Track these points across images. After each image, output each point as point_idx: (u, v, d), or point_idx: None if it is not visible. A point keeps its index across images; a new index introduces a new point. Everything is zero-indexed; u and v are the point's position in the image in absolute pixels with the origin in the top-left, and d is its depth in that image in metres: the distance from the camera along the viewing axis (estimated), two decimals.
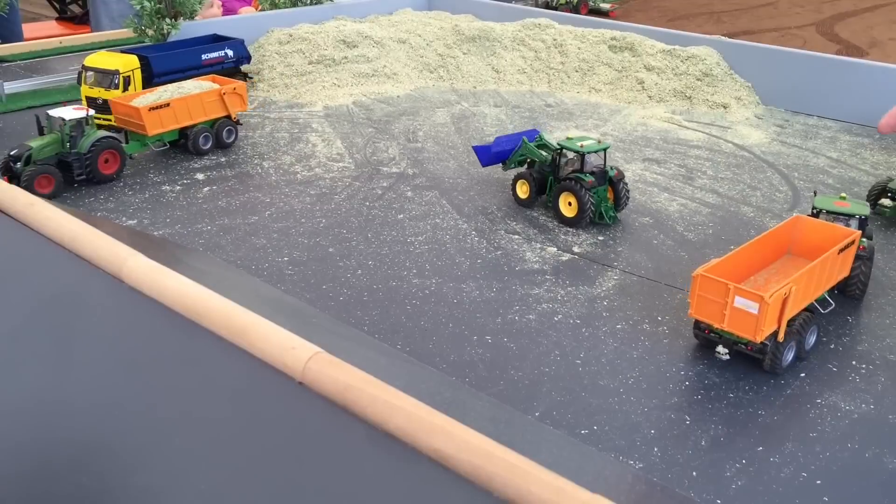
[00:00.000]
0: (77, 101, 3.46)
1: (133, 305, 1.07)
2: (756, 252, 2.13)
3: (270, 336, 0.95)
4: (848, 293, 2.23)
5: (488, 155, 2.91)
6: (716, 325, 1.92)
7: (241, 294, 1.71)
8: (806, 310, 2.00)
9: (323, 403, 0.86)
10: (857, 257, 2.17)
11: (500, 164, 2.95)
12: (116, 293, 1.09)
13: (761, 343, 1.87)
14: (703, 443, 1.66)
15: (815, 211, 2.32)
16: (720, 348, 1.97)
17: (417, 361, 1.72)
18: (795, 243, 2.21)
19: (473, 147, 3.01)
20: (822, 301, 2.09)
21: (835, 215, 2.29)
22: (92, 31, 5.65)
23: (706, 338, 1.99)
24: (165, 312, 1.04)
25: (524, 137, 2.88)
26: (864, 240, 2.20)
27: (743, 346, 1.91)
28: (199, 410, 0.92)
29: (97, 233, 1.16)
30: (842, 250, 2.05)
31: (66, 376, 1.05)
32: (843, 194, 2.48)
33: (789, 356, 1.93)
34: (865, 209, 2.34)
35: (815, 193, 2.50)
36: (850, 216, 2.29)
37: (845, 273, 2.14)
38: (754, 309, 1.82)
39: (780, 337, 1.88)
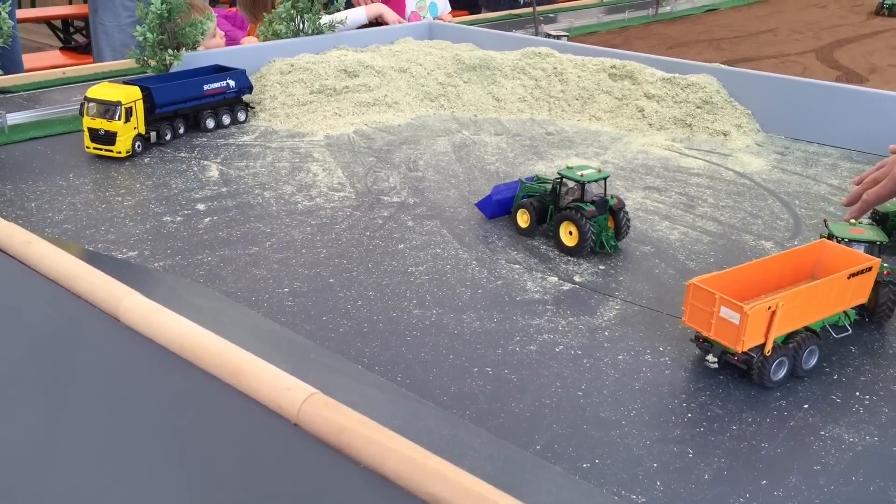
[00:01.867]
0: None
1: (128, 345, 1.06)
2: (769, 271, 2.12)
3: (266, 377, 0.94)
4: (876, 318, 2.23)
5: (490, 205, 2.90)
6: (704, 334, 1.94)
7: (240, 329, 1.71)
8: (810, 331, 1.98)
9: (318, 446, 0.85)
10: (886, 283, 2.16)
11: (507, 215, 2.91)
12: (112, 332, 1.08)
13: (745, 354, 1.88)
14: (706, 476, 1.64)
15: (830, 238, 2.28)
16: (710, 357, 1.98)
17: (417, 397, 1.71)
18: (820, 268, 2.18)
19: (476, 204, 2.99)
20: (837, 325, 2.07)
21: (851, 242, 2.26)
22: (94, 62, 5.69)
23: (701, 347, 2.00)
24: (161, 352, 1.03)
25: (521, 178, 2.88)
26: (885, 265, 2.18)
27: (730, 357, 1.92)
28: (192, 452, 0.91)
29: (94, 271, 1.15)
30: (853, 275, 2.02)
31: (59, 416, 1.05)
32: (853, 220, 2.47)
33: (780, 372, 1.93)
34: (883, 236, 2.33)
35: (825, 222, 2.46)
36: (871, 243, 2.26)
37: (861, 300, 2.09)
38: (736, 319, 1.83)
39: (767, 351, 1.88)
